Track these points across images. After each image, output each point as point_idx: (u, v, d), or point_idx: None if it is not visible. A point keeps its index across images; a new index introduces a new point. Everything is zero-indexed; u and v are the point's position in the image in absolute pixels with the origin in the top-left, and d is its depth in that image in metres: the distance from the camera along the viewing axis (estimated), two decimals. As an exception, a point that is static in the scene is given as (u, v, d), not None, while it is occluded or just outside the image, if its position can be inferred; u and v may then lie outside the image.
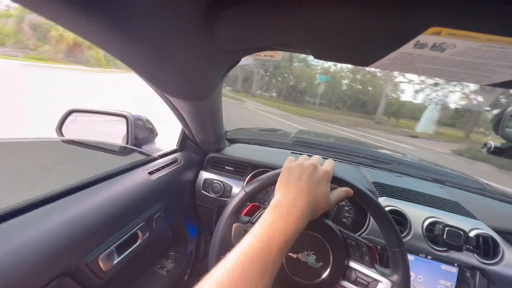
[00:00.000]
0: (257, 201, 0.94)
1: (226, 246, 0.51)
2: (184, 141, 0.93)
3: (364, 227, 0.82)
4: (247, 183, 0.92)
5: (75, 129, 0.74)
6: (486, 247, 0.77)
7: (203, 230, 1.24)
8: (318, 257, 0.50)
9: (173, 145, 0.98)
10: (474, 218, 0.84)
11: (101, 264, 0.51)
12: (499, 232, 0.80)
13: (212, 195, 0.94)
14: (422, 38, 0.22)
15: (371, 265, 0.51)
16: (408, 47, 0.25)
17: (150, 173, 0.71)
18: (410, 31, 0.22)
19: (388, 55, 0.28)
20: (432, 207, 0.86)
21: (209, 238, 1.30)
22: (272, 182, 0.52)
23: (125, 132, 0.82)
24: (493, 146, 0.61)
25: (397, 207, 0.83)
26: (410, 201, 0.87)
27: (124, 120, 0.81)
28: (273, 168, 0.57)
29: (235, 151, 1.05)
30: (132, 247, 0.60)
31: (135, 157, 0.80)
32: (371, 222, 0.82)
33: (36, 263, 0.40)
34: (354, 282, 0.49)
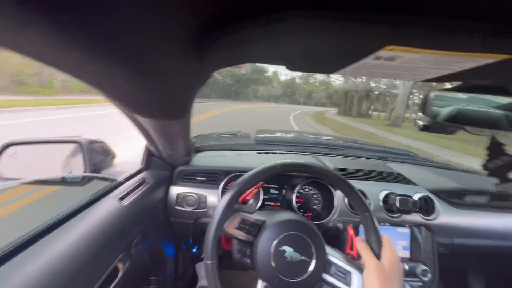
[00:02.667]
0: None
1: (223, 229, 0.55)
2: (149, 159, 0.88)
3: (334, 209, 0.91)
4: (222, 190, 0.93)
5: (16, 164, 0.63)
6: (426, 207, 0.95)
7: (180, 246, 1.20)
8: (302, 252, 0.54)
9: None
10: (415, 184, 1.01)
11: None
12: (432, 192, 0.99)
13: (188, 209, 0.92)
14: (380, 53, 0.28)
15: (345, 255, 0.58)
16: (369, 59, 0.30)
17: (121, 198, 0.66)
18: (371, 48, 0.28)
19: (352, 65, 0.34)
20: (383, 181, 1.01)
21: (187, 253, 1.25)
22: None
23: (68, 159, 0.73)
24: (421, 124, 0.74)
25: (357, 187, 0.95)
26: (366, 179, 1.00)
27: (74, 146, 0.73)
28: (245, 171, 0.61)
29: (202, 160, 1.04)
30: (115, 282, 0.56)
31: (97, 185, 0.73)
32: (338, 203, 0.91)
33: None
34: (334, 275, 0.55)
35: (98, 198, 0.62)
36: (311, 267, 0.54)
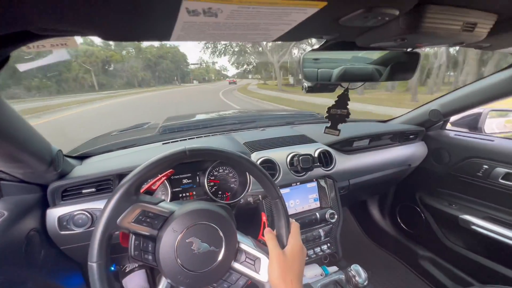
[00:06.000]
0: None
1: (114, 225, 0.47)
2: (-5, 185, 0.65)
3: (248, 183, 0.92)
4: None
5: None
6: (326, 159, 1.07)
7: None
8: (210, 243, 0.51)
9: None
10: (315, 141, 1.11)
11: None
12: (329, 145, 1.11)
13: (79, 230, 0.75)
14: (188, 4, 0.22)
15: (256, 241, 0.58)
16: (184, 15, 0.24)
17: None
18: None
19: (176, 26, 0.27)
20: (289, 145, 1.07)
21: None
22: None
23: None
24: (307, 86, 0.78)
25: (266, 156, 0.97)
26: (274, 147, 1.04)
27: None
28: None
29: (90, 167, 0.85)
30: None
31: None
32: (251, 177, 0.92)
33: None
34: (243, 263, 0.54)
35: None
36: (219, 257, 0.51)
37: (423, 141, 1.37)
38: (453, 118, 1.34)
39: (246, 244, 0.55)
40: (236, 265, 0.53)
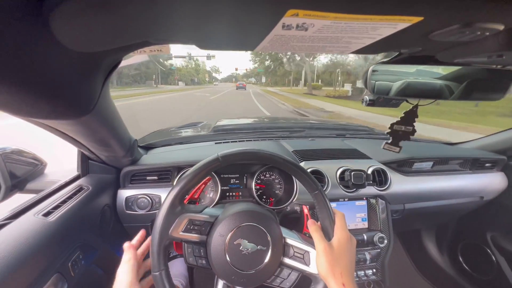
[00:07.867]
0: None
1: (167, 236, 0.50)
2: (86, 163, 0.78)
3: (295, 192, 0.91)
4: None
5: None
6: (380, 178, 1.00)
7: None
8: (257, 242, 0.52)
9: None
10: (369, 158, 1.05)
11: None
12: (384, 164, 1.04)
13: (140, 212, 0.85)
14: (286, 20, 0.24)
15: (301, 234, 0.57)
16: (278, 29, 0.26)
17: (46, 214, 0.57)
18: (275, 15, 0.24)
19: (266, 38, 0.30)
20: (340, 158, 1.03)
21: None
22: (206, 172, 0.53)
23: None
24: (368, 99, 0.75)
25: (315, 167, 0.95)
26: (324, 159, 1.01)
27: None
28: None
29: (154, 157, 0.96)
30: None
31: (17, 202, 0.62)
32: (298, 185, 0.91)
33: None
34: (292, 257, 0.54)
35: (10, 218, 0.53)
36: (268, 255, 0.52)
37: (502, 172, 1.17)
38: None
39: (292, 239, 0.56)
40: (286, 260, 0.54)
